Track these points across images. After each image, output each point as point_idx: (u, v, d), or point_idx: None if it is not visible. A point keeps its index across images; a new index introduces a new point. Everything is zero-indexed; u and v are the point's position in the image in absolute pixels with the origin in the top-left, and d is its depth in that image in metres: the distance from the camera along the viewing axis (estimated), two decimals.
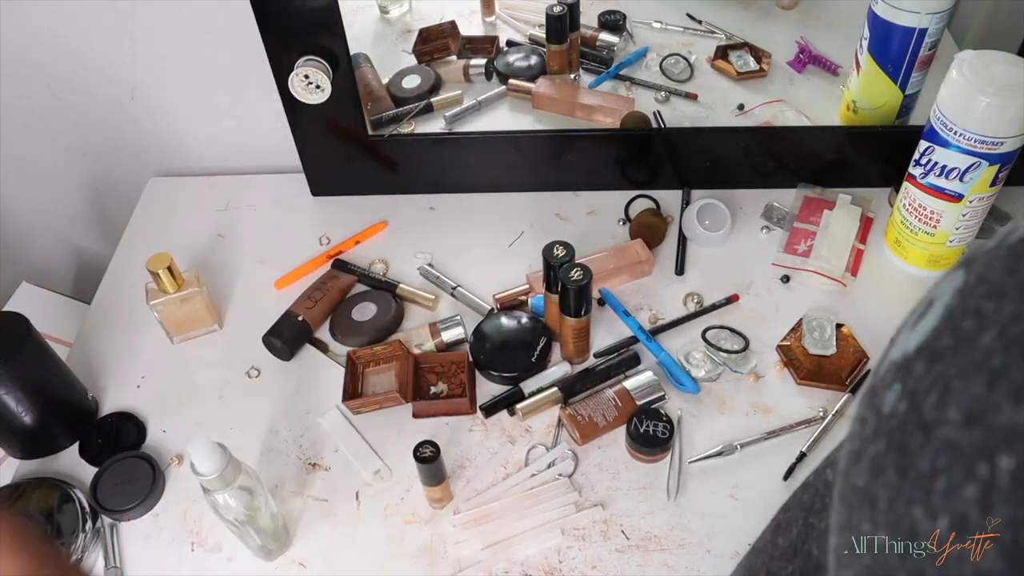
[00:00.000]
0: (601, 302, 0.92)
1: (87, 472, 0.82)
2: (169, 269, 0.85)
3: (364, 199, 1.06)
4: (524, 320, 0.89)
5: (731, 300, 0.92)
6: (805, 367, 0.84)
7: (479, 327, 0.88)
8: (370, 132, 1.00)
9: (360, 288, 0.97)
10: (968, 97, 0.78)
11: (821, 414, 0.82)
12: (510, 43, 1.04)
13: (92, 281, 1.09)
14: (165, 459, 0.83)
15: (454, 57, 1.04)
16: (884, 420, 0.25)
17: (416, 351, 0.88)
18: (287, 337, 0.89)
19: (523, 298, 0.93)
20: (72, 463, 0.83)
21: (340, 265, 0.98)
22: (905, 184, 0.90)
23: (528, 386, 0.84)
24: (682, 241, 0.98)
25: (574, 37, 0.99)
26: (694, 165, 1.02)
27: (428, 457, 0.71)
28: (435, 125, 1.02)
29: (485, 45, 1.04)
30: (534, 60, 1.02)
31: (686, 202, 1.02)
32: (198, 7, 0.96)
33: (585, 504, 0.77)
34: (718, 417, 0.82)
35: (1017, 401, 0.21)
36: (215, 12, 0.96)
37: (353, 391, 0.85)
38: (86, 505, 0.77)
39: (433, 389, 0.85)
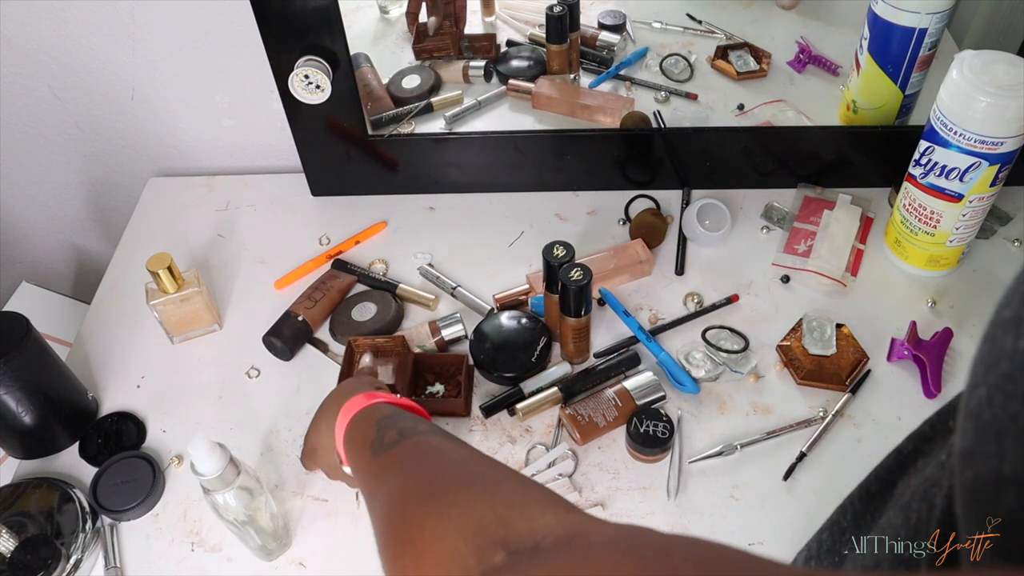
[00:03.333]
0: (601, 302, 0.92)
1: (87, 472, 0.82)
2: (169, 269, 0.85)
3: (364, 199, 1.06)
4: (524, 320, 0.89)
5: (731, 300, 0.92)
6: (805, 367, 0.84)
7: (479, 327, 0.88)
8: (370, 132, 1.00)
9: (360, 288, 0.97)
10: (968, 97, 0.78)
11: (821, 414, 0.82)
12: (510, 43, 1.04)
13: (92, 281, 1.09)
14: (165, 459, 0.83)
15: (454, 57, 1.04)
16: None
17: (417, 351, 0.88)
18: (287, 337, 0.89)
19: (523, 298, 0.93)
20: (72, 463, 0.83)
21: (340, 265, 0.98)
22: (905, 184, 0.90)
23: (528, 386, 0.84)
24: (682, 241, 0.98)
25: (574, 37, 0.99)
26: (694, 165, 1.02)
27: None
28: (435, 125, 1.02)
29: (484, 43, 1.04)
30: (534, 60, 1.02)
31: (686, 202, 1.02)
32: (198, 7, 0.96)
33: (585, 504, 0.77)
34: (718, 417, 0.82)
35: None
36: (215, 12, 0.96)
37: (348, 375, 0.84)
38: (86, 505, 0.77)
39: (430, 389, 0.85)
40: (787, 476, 0.78)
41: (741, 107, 1.01)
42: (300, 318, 0.90)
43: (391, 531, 0.43)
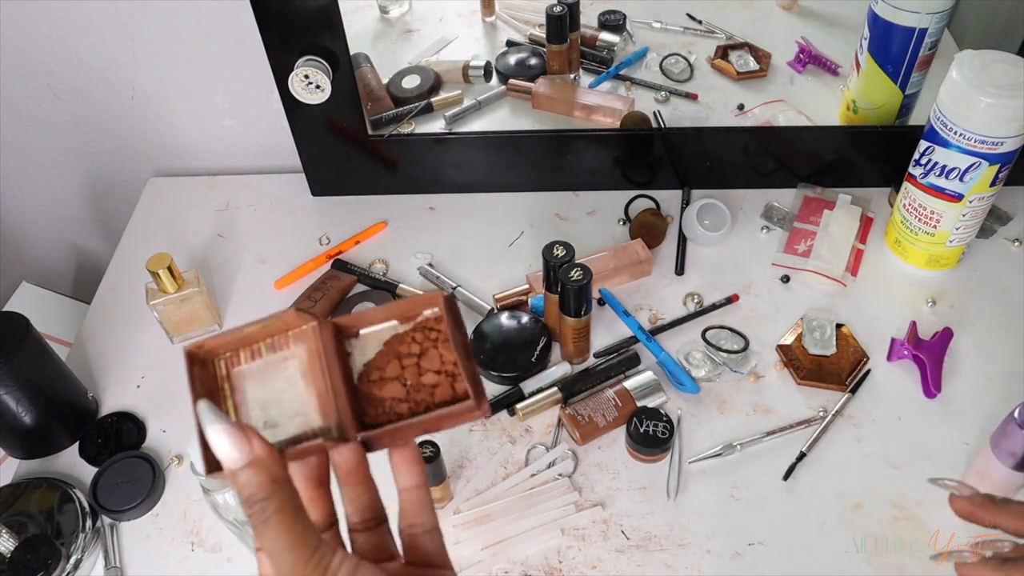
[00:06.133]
0: (601, 302, 0.92)
1: (87, 472, 0.82)
2: (169, 269, 0.85)
3: (364, 199, 1.06)
4: (524, 320, 0.89)
5: (731, 300, 0.92)
6: (805, 367, 0.84)
7: (479, 327, 0.88)
8: (370, 132, 1.00)
9: (360, 288, 0.97)
10: (968, 97, 0.78)
11: (821, 414, 0.82)
12: (510, 43, 1.04)
13: (92, 281, 1.09)
14: (165, 459, 0.83)
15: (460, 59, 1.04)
16: None
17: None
18: None
19: (523, 298, 0.93)
20: (72, 463, 0.83)
21: (340, 265, 0.98)
22: (905, 184, 0.90)
23: (528, 386, 0.84)
24: (682, 241, 0.98)
25: (574, 37, 0.99)
26: (694, 165, 1.02)
27: (428, 457, 0.71)
28: (435, 125, 1.02)
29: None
30: (534, 60, 1.02)
31: (686, 202, 1.02)
32: (198, 7, 0.96)
33: (585, 504, 0.77)
34: (718, 417, 0.82)
35: None
36: (215, 12, 0.96)
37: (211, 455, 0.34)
38: (86, 505, 0.77)
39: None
40: (787, 476, 0.78)
41: (741, 107, 1.01)
42: None
43: None
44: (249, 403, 0.38)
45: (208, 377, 0.37)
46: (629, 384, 0.83)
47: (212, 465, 0.34)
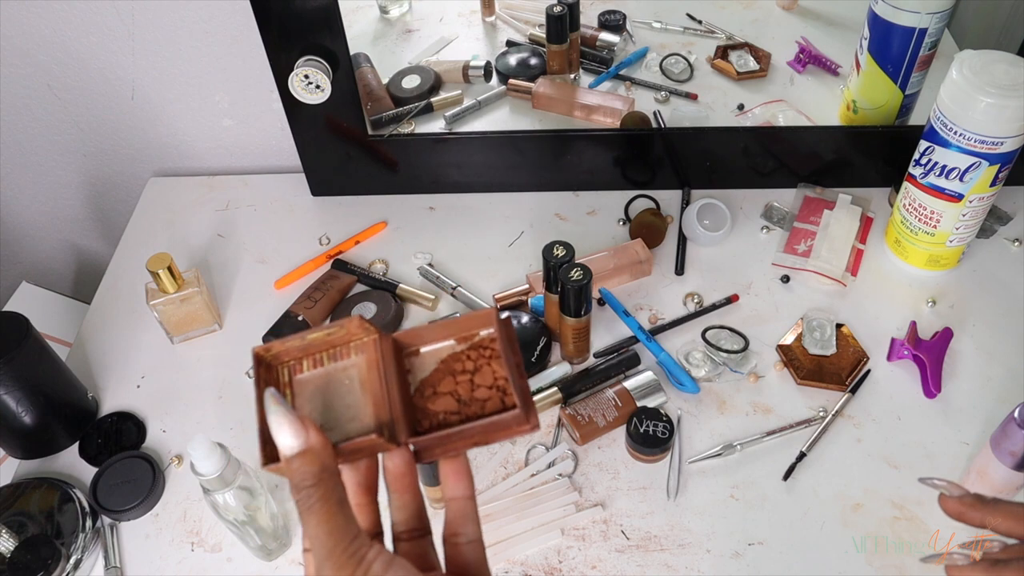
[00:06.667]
0: (601, 302, 0.92)
1: (87, 472, 0.82)
2: (169, 269, 0.85)
3: (364, 199, 1.07)
4: (524, 320, 0.89)
5: (731, 300, 0.92)
6: (805, 367, 0.84)
7: None
8: (370, 132, 1.00)
9: (360, 288, 0.97)
10: (968, 97, 0.78)
11: (821, 414, 0.82)
12: (510, 43, 1.04)
13: (92, 281, 1.09)
14: (165, 459, 0.83)
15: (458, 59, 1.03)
16: None
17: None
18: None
19: (523, 298, 0.93)
20: (72, 463, 0.84)
21: (340, 265, 0.98)
22: (905, 184, 0.90)
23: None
24: (682, 241, 0.98)
25: (574, 37, 0.99)
26: (694, 165, 1.02)
27: None
28: (435, 125, 1.02)
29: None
30: (534, 60, 1.02)
31: (686, 202, 1.02)
32: (198, 7, 0.96)
33: (585, 504, 0.77)
34: (718, 417, 0.82)
35: None
36: (215, 12, 0.96)
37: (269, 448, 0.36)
38: (86, 505, 0.77)
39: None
40: (787, 476, 0.78)
41: (741, 107, 1.01)
42: (300, 318, 0.90)
43: None
44: (308, 408, 0.39)
45: (272, 381, 0.40)
46: (629, 384, 0.83)
47: (269, 456, 0.36)
